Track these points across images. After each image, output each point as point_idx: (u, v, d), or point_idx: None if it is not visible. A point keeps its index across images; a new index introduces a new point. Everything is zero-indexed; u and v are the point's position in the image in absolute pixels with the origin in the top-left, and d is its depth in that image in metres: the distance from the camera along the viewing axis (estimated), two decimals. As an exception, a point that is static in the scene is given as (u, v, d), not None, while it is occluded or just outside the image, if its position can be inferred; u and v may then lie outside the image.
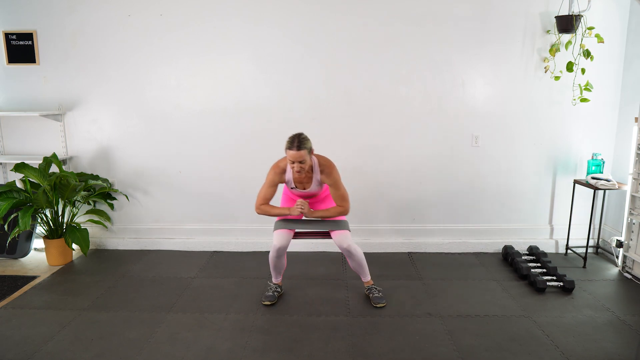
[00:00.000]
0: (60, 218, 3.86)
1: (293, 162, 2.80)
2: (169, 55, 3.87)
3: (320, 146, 3.98)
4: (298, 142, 2.78)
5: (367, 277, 3.20)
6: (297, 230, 3.10)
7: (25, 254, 3.98)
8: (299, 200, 2.94)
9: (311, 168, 2.95)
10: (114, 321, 2.93)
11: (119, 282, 3.49)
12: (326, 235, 3.13)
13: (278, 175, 2.96)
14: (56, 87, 3.96)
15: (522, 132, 3.96)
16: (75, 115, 4.01)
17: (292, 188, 3.04)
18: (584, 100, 3.77)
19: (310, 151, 2.86)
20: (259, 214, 3.04)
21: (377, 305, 3.08)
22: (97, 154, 4.08)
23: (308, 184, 3.00)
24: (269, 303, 3.12)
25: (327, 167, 2.96)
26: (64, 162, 4.08)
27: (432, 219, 4.12)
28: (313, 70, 3.86)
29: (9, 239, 3.71)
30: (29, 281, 3.52)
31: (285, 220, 3.08)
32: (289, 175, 2.96)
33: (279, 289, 3.23)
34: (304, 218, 3.16)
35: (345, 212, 3.02)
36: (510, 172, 4.03)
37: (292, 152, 2.77)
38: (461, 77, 3.86)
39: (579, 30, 3.66)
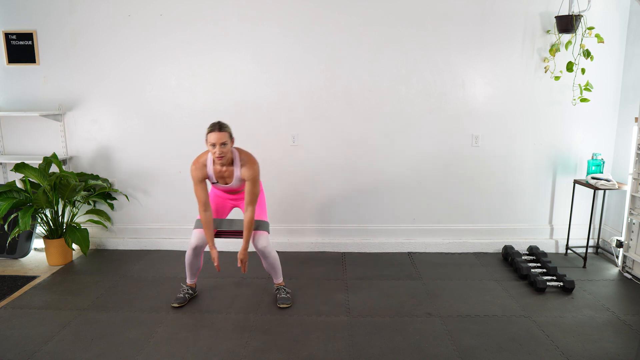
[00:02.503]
0: (60, 218, 3.86)
1: (214, 146, 2.75)
2: (169, 55, 3.87)
3: (320, 146, 3.99)
4: (220, 124, 2.77)
5: (279, 279, 3.20)
6: (218, 229, 3.08)
7: (25, 254, 3.98)
8: (240, 257, 2.97)
9: (232, 161, 2.91)
10: (114, 321, 2.93)
11: (119, 282, 3.49)
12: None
13: (199, 170, 2.90)
14: (56, 87, 3.96)
15: (522, 132, 3.96)
16: (75, 115, 4.02)
17: (213, 183, 2.99)
18: (584, 100, 3.77)
19: (232, 138, 2.82)
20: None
21: (281, 306, 3.08)
22: (97, 154, 4.08)
23: (229, 178, 2.95)
24: (177, 305, 3.10)
25: (248, 161, 2.91)
26: (64, 162, 4.08)
27: (432, 219, 4.12)
28: (313, 70, 3.86)
29: (9, 239, 3.71)
30: (29, 281, 3.52)
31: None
32: (210, 169, 2.91)
33: (191, 291, 3.21)
34: (227, 218, 3.13)
35: (254, 217, 2.95)
36: (510, 172, 4.03)
37: (215, 134, 2.73)
38: (461, 77, 3.86)
39: (579, 30, 3.66)
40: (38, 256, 4.02)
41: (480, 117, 3.93)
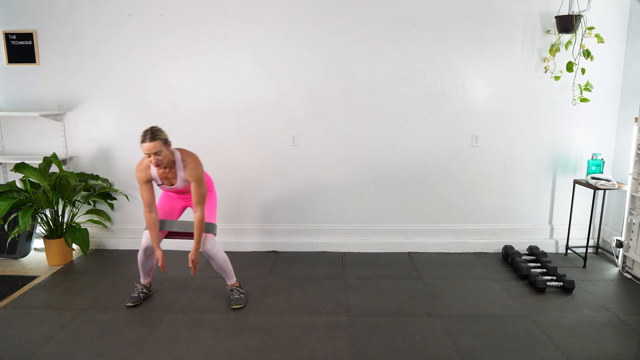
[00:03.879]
0: (60, 218, 3.86)
1: (149, 155, 2.73)
2: (169, 55, 3.87)
3: (320, 146, 3.99)
4: (151, 133, 2.71)
5: (231, 280, 3.19)
6: (169, 231, 3.08)
7: (25, 254, 3.97)
8: (191, 257, 2.94)
9: (174, 163, 2.88)
10: (114, 321, 2.93)
11: (119, 282, 3.49)
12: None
13: (143, 172, 2.88)
14: (56, 87, 3.96)
15: (522, 132, 3.96)
16: (75, 115, 4.02)
17: (159, 184, 2.98)
18: (584, 100, 3.77)
19: (167, 143, 2.78)
20: None
21: (234, 307, 3.08)
22: (97, 154, 4.08)
23: (174, 179, 2.93)
24: (131, 304, 3.10)
25: (190, 162, 2.88)
26: (64, 162, 4.08)
27: (432, 219, 4.12)
28: (313, 71, 3.86)
29: (9, 239, 3.71)
30: (29, 281, 3.52)
31: (159, 221, 3.04)
32: (153, 171, 2.89)
33: (145, 290, 3.21)
34: (179, 220, 3.12)
35: (204, 219, 2.93)
36: (510, 172, 4.03)
37: (146, 145, 2.70)
38: (461, 77, 3.86)
39: (579, 30, 3.66)
40: (38, 256, 4.01)
41: (480, 117, 3.93)
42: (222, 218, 4.14)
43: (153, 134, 2.71)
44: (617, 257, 3.76)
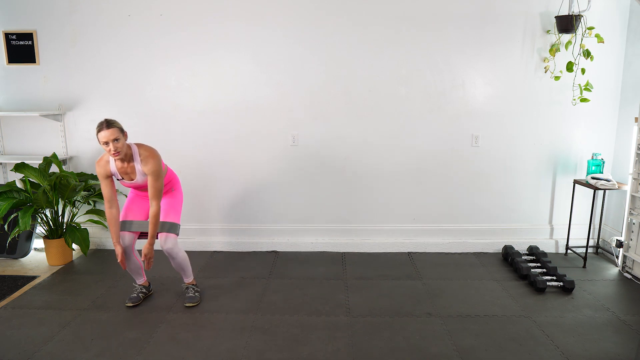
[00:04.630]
0: (60, 218, 3.86)
1: (107, 144, 2.71)
2: (169, 55, 3.87)
3: (320, 145, 3.99)
4: (107, 121, 2.72)
5: (188, 279, 3.21)
6: (141, 231, 3.08)
7: (25, 254, 3.98)
8: (144, 252, 2.93)
9: (132, 157, 2.87)
10: (114, 321, 2.93)
11: (119, 282, 3.49)
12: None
13: (103, 167, 2.87)
14: (56, 87, 3.96)
15: (522, 132, 3.96)
16: (75, 115, 4.02)
17: (119, 179, 2.96)
18: (584, 100, 3.77)
19: (124, 133, 2.78)
20: None
21: (187, 305, 3.10)
22: (97, 154, 4.08)
23: (133, 174, 2.92)
24: (131, 305, 3.10)
25: (147, 156, 2.86)
26: (64, 162, 4.08)
27: (432, 219, 4.12)
28: (313, 71, 3.86)
29: (9, 239, 3.71)
30: (29, 281, 3.52)
31: (127, 222, 3.03)
32: (112, 166, 2.88)
33: (144, 290, 3.21)
34: (144, 220, 3.11)
35: (158, 213, 2.92)
36: (510, 172, 4.03)
37: (103, 133, 2.69)
38: (461, 77, 3.86)
39: (579, 30, 3.66)
40: (38, 256, 4.01)
41: (480, 117, 3.93)
42: (222, 218, 4.15)
43: (109, 121, 2.73)
44: (617, 257, 3.76)
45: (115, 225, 2.95)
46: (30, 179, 3.70)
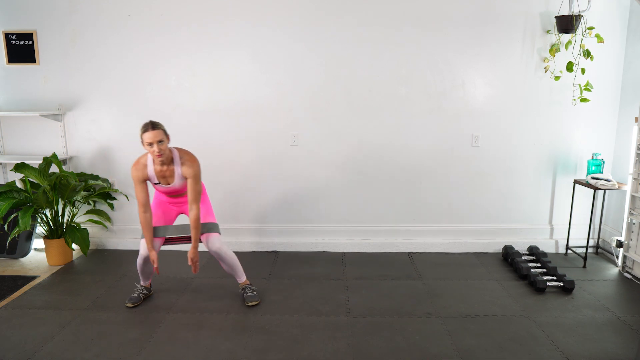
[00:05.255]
0: (60, 218, 3.86)
1: (152, 145, 2.73)
2: (169, 55, 3.87)
3: (320, 146, 3.99)
4: (152, 123, 2.76)
5: (241, 278, 3.19)
6: (166, 237, 3.08)
7: (25, 254, 3.98)
8: (190, 256, 2.92)
9: (172, 160, 2.90)
10: (114, 321, 2.93)
11: (119, 282, 3.49)
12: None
13: (140, 171, 2.89)
14: (56, 87, 3.96)
15: (522, 132, 3.96)
16: (75, 115, 4.02)
17: (155, 184, 2.97)
18: (584, 100, 3.77)
19: (167, 135, 2.81)
20: None
21: (249, 304, 3.09)
22: (97, 154, 4.08)
23: (171, 177, 2.93)
24: (131, 305, 3.10)
25: (188, 159, 2.90)
26: (64, 162, 4.08)
27: (432, 219, 4.12)
28: (313, 70, 3.86)
29: (9, 239, 3.71)
30: (29, 281, 3.52)
31: (154, 228, 3.02)
32: (150, 170, 2.89)
33: (145, 291, 3.21)
34: (174, 225, 3.12)
35: (199, 216, 2.93)
36: (510, 172, 4.03)
37: (149, 134, 2.72)
38: (461, 77, 3.86)
39: (579, 30, 3.66)
40: (38, 256, 4.01)
41: (480, 117, 3.93)
42: (221, 218, 4.14)
43: (154, 123, 2.77)
44: (617, 257, 3.76)
45: (150, 230, 2.93)
46: (30, 179, 3.70)
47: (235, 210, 4.11)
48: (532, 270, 3.53)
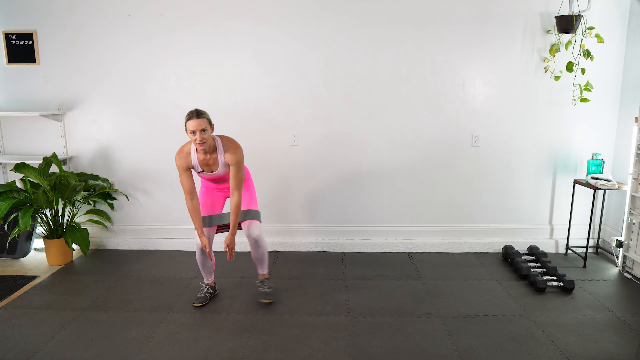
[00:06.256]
0: (60, 218, 3.86)
1: (195, 133, 2.73)
2: (169, 55, 3.87)
3: (320, 146, 3.99)
4: (197, 111, 2.76)
5: (264, 271, 3.21)
6: (218, 225, 3.09)
7: (25, 254, 3.98)
8: (227, 242, 2.94)
9: (215, 148, 2.89)
10: (114, 321, 2.93)
11: (119, 282, 3.49)
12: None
13: (184, 159, 2.89)
14: (56, 87, 3.96)
15: (522, 132, 3.96)
16: (75, 115, 4.02)
17: (199, 172, 2.97)
18: (584, 100, 3.77)
19: (211, 124, 2.81)
20: None
21: (263, 301, 3.09)
22: (97, 154, 4.08)
23: (214, 165, 2.93)
24: (199, 304, 3.11)
25: (231, 147, 2.88)
26: (64, 162, 4.08)
27: (432, 219, 4.12)
28: (313, 71, 3.86)
29: (9, 239, 3.71)
30: (29, 281, 3.52)
31: (206, 217, 3.04)
32: (194, 158, 2.89)
33: (211, 290, 3.22)
34: (224, 213, 3.14)
35: (241, 201, 2.95)
36: (510, 172, 4.03)
37: (193, 122, 2.72)
38: (461, 77, 3.87)
39: (579, 30, 3.66)
40: (38, 256, 4.01)
41: (480, 117, 3.93)
42: (222, 218, 4.14)
43: (199, 111, 2.76)
44: (617, 257, 3.76)
45: (198, 217, 2.93)
46: (30, 179, 3.70)
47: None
48: (532, 270, 3.53)
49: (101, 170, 4.10)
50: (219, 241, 3.96)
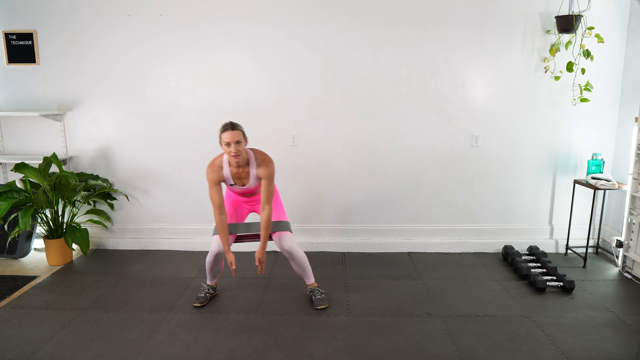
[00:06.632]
0: (60, 218, 3.86)
1: (229, 145, 2.74)
2: (169, 55, 3.87)
3: (320, 146, 3.99)
4: (232, 123, 2.77)
5: (310, 280, 3.18)
6: (237, 234, 3.08)
7: (25, 254, 3.98)
8: (258, 256, 2.92)
9: (247, 162, 2.90)
10: (114, 321, 2.93)
11: (119, 282, 3.49)
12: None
13: (216, 172, 2.88)
14: (56, 87, 3.96)
15: (522, 132, 3.96)
16: (75, 115, 4.02)
17: (230, 185, 2.97)
18: (584, 100, 3.77)
19: (245, 137, 2.82)
20: None
21: (319, 307, 3.07)
22: (97, 154, 4.08)
23: (246, 179, 2.93)
24: (199, 305, 3.10)
25: (263, 160, 2.89)
26: (64, 162, 4.08)
27: (432, 219, 4.12)
28: (313, 71, 3.86)
29: (9, 239, 3.71)
30: (29, 281, 3.52)
31: (230, 226, 3.02)
32: (226, 171, 2.90)
33: (211, 291, 3.21)
34: (246, 222, 3.14)
35: (272, 215, 2.94)
36: (510, 172, 4.03)
37: (228, 133, 2.72)
38: (461, 77, 3.87)
39: (579, 30, 3.66)
40: (38, 256, 4.02)
41: (480, 117, 3.93)
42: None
43: (233, 123, 2.77)
44: (617, 257, 3.76)
45: (226, 232, 2.92)
46: (30, 179, 3.70)
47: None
48: (532, 270, 3.53)
49: (101, 170, 4.10)
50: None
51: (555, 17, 3.66)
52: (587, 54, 3.67)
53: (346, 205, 4.09)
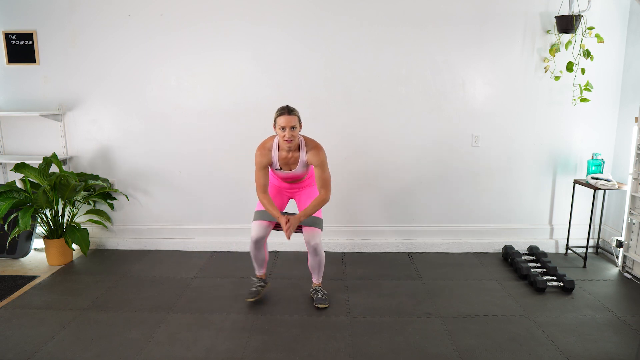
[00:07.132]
0: (60, 218, 3.86)
1: (284, 130, 2.74)
2: (169, 55, 3.87)
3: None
4: (288, 108, 2.77)
5: (318, 280, 3.20)
6: (273, 220, 3.06)
7: (25, 254, 3.98)
8: (284, 220, 2.88)
9: (298, 147, 2.89)
10: (114, 321, 2.93)
11: (119, 282, 3.49)
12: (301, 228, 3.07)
13: (265, 156, 2.89)
14: (56, 87, 3.96)
15: (522, 132, 3.96)
16: (75, 115, 4.02)
17: (277, 169, 2.96)
18: (584, 100, 3.77)
19: (300, 123, 2.83)
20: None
21: (319, 306, 3.07)
22: (97, 154, 4.08)
23: (294, 164, 2.93)
24: (252, 299, 3.11)
25: (314, 147, 2.89)
26: (64, 162, 4.08)
27: (432, 219, 4.12)
28: (313, 71, 3.86)
29: (9, 239, 3.71)
30: (29, 281, 3.52)
31: (264, 212, 3.02)
32: (275, 155, 2.90)
33: (262, 284, 3.21)
34: (286, 211, 3.14)
35: (326, 201, 2.92)
36: (510, 172, 4.03)
37: (284, 117, 2.73)
38: (461, 77, 3.87)
39: (579, 30, 3.66)
40: (38, 256, 4.01)
41: (480, 117, 3.93)
42: (221, 218, 4.14)
43: (290, 108, 2.77)
44: (617, 257, 3.76)
45: (273, 205, 2.92)
46: (30, 179, 3.70)
47: (235, 209, 4.11)
48: (532, 270, 3.53)
49: (101, 170, 4.10)
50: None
51: (555, 17, 3.66)
52: (587, 54, 3.67)
53: (346, 205, 4.09)
